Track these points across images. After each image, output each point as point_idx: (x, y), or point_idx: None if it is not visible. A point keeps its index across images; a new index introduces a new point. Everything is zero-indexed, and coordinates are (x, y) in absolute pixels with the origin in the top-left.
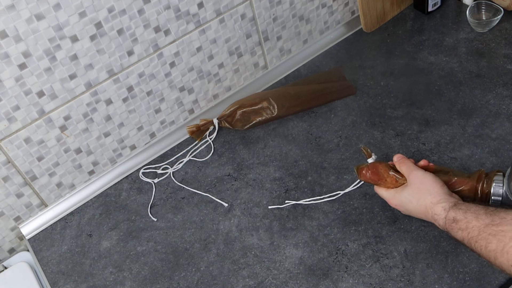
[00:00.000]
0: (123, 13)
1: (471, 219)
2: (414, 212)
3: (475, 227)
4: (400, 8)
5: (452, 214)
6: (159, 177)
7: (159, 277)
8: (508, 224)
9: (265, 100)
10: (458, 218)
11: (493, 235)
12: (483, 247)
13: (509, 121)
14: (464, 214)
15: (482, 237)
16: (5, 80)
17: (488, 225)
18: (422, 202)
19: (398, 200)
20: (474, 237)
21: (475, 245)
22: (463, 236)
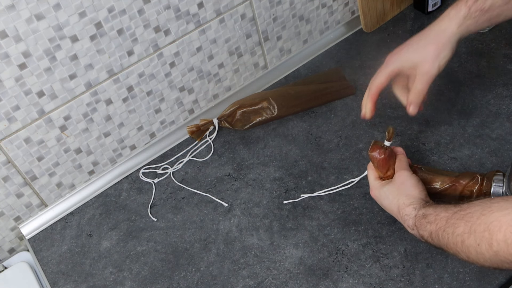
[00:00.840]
0: (123, 13)
1: (440, 211)
2: (387, 209)
3: (443, 218)
4: (400, 8)
5: (422, 211)
6: (159, 177)
7: (159, 277)
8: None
9: (265, 100)
10: (427, 213)
11: (460, 219)
12: (451, 233)
13: (509, 121)
14: (434, 209)
15: (450, 224)
16: (5, 80)
17: (455, 212)
18: (395, 202)
19: (378, 192)
20: (442, 227)
21: (442, 235)
22: (431, 229)
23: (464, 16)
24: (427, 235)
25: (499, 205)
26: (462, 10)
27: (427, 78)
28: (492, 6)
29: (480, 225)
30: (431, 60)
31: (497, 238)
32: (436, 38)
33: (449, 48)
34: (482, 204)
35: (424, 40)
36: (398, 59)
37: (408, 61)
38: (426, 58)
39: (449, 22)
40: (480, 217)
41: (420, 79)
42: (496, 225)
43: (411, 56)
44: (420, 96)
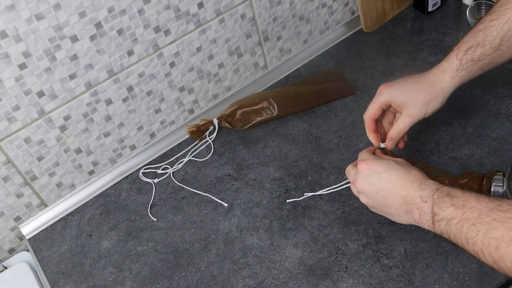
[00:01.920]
0: (123, 13)
1: (470, 198)
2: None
3: (475, 208)
4: (400, 8)
5: (446, 188)
6: (159, 177)
7: (159, 277)
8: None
9: (265, 100)
10: (453, 193)
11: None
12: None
13: (509, 121)
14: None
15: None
16: (5, 80)
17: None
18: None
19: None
20: (472, 219)
21: (469, 228)
22: (454, 214)
23: (456, 68)
24: (443, 217)
25: None
26: (454, 63)
27: (410, 120)
28: (482, 55)
29: None
30: (419, 106)
31: None
32: (430, 87)
33: (440, 100)
34: None
35: (418, 85)
36: (390, 93)
37: (398, 99)
38: (415, 103)
39: (443, 74)
40: None
41: (404, 119)
42: None
43: (402, 96)
44: (400, 134)
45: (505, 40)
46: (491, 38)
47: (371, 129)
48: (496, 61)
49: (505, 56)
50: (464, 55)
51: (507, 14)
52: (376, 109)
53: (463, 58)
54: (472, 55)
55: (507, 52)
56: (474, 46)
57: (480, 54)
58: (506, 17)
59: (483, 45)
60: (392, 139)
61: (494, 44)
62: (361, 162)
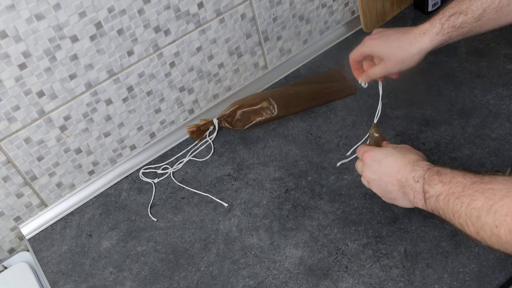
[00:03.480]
0: (123, 13)
1: (457, 175)
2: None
3: (459, 183)
4: (400, 8)
5: (436, 168)
6: (159, 177)
7: (159, 277)
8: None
9: (265, 100)
10: (442, 172)
11: (480, 192)
12: (466, 204)
13: (509, 121)
14: (450, 170)
15: (467, 194)
16: (5, 80)
17: (475, 182)
18: (402, 159)
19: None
20: (456, 193)
21: (454, 202)
22: (441, 190)
23: (436, 32)
24: (432, 194)
25: None
26: (435, 27)
27: (384, 71)
28: (463, 23)
29: (502, 206)
30: (394, 62)
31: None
32: (408, 47)
33: (416, 59)
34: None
35: (398, 43)
36: (371, 46)
37: (378, 52)
38: (391, 59)
39: (423, 36)
40: (503, 198)
41: (380, 68)
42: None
43: (381, 50)
44: (374, 76)
45: (488, 12)
46: (475, 8)
47: (354, 68)
48: (477, 30)
49: (485, 27)
50: (447, 20)
51: None
52: (358, 55)
53: (445, 23)
54: (454, 22)
55: (488, 24)
56: (458, 13)
57: (462, 22)
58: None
59: (466, 13)
60: (367, 75)
61: (477, 14)
62: (365, 154)
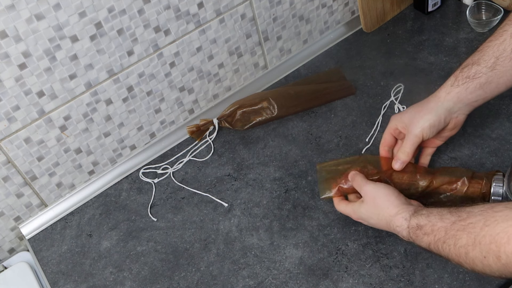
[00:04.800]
0: (123, 13)
1: (435, 221)
2: (377, 226)
3: (441, 228)
4: (400, 8)
5: (415, 221)
6: (159, 177)
7: (159, 277)
8: (477, 215)
9: (265, 100)
10: (421, 223)
11: (461, 230)
12: (452, 245)
13: (509, 121)
14: (427, 218)
15: (450, 235)
16: (5, 80)
17: (454, 223)
18: (381, 217)
19: (358, 215)
20: (442, 238)
21: (443, 247)
22: (429, 241)
23: (451, 84)
24: (425, 245)
25: (503, 214)
26: (450, 80)
27: (411, 139)
28: (477, 72)
29: (485, 237)
30: (416, 122)
31: (506, 250)
32: (425, 104)
33: (435, 114)
34: (484, 213)
35: (418, 105)
36: (396, 119)
37: (402, 121)
38: (413, 121)
39: (439, 91)
40: (483, 228)
41: (407, 139)
42: (503, 237)
43: (404, 117)
44: (405, 153)
45: (501, 60)
46: (487, 58)
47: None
48: (497, 80)
49: (506, 76)
50: (460, 72)
51: (504, 35)
52: (387, 137)
53: (459, 75)
54: (467, 73)
55: (507, 73)
56: (470, 65)
57: (476, 72)
58: (502, 38)
59: (478, 63)
60: (399, 159)
61: (490, 63)
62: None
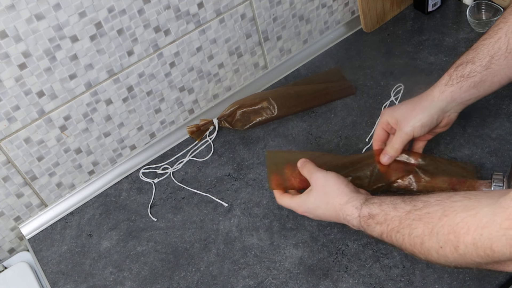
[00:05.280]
0: (123, 13)
1: (388, 210)
2: (324, 217)
3: (395, 217)
4: (400, 8)
5: (366, 210)
6: (159, 177)
7: (159, 277)
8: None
9: (265, 100)
10: (373, 212)
11: (417, 220)
12: (407, 235)
13: (509, 121)
14: (379, 207)
15: (405, 225)
16: (5, 80)
17: (410, 212)
18: (330, 206)
19: (305, 207)
20: (395, 228)
21: (396, 236)
22: (381, 230)
23: (445, 83)
24: (377, 235)
25: (462, 205)
26: (444, 79)
27: (402, 136)
28: (472, 71)
29: (443, 227)
30: (407, 120)
31: (465, 240)
32: (418, 102)
33: (427, 113)
34: (442, 203)
35: (411, 102)
36: (386, 113)
37: (393, 117)
38: (405, 118)
39: (433, 89)
40: (442, 218)
41: (397, 136)
42: (462, 227)
43: (396, 113)
44: (394, 149)
45: (496, 59)
46: (481, 56)
47: (378, 152)
48: (491, 79)
49: (500, 75)
50: (454, 71)
51: (498, 34)
52: (379, 132)
53: (453, 73)
54: (461, 71)
55: (502, 71)
56: (465, 63)
57: (470, 71)
58: (497, 36)
59: (473, 62)
60: (387, 154)
61: (484, 61)
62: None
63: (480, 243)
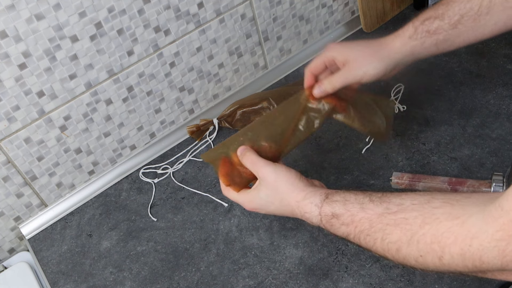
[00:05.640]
0: (123, 13)
1: (355, 211)
2: (278, 213)
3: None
4: (400, 8)
5: (328, 208)
6: (159, 177)
7: (159, 277)
8: (411, 210)
9: (265, 100)
10: (337, 212)
11: (392, 225)
12: (379, 239)
13: (509, 121)
14: (344, 207)
15: (377, 229)
16: (5, 80)
17: (382, 215)
18: (285, 203)
19: (255, 204)
20: (365, 231)
21: (366, 239)
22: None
23: (409, 36)
24: (342, 235)
25: (445, 212)
26: (408, 30)
27: (347, 77)
28: (439, 28)
29: (425, 235)
30: (360, 63)
31: (451, 251)
32: (377, 48)
33: (384, 64)
34: (420, 209)
35: (366, 46)
36: (335, 49)
37: (342, 54)
38: (357, 60)
39: (394, 39)
40: (423, 226)
41: (342, 75)
42: (448, 237)
43: (347, 51)
44: (331, 84)
45: (465, 19)
46: (451, 13)
47: (308, 84)
48: (453, 39)
49: (463, 36)
50: (421, 24)
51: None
52: (318, 63)
53: (419, 27)
54: (428, 26)
55: (466, 33)
56: (433, 18)
57: (437, 27)
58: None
59: (442, 18)
60: (322, 85)
61: (453, 19)
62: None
63: (469, 254)
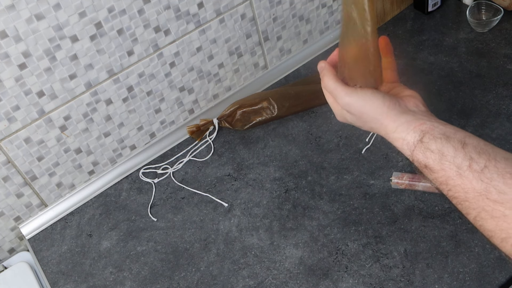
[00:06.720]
0: (123, 13)
1: (451, 173)
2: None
3: (460, 188)
4: (400, 8)
5: (421, 157)
6: (159, 177)
7: (159, 277)
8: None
9: (265, 100)
10: (431, 166)
11: (489, 213)
12: (472, 216)
13: (509, 121)
14: (439, 163)
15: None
16: (5, 80)
17: (480, 195)
18: (376, 131)
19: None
20: (459, 198)
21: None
22: (440, 187)
23: None
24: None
25: None
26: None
27: None
28: None
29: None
30: None
31: None
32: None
33: None
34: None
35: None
36: None
37: None
38: None
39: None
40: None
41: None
42: None
43: None
44: None
45: None
46: None
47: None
48: None
49: None
50: None
51: None
52: None
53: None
54: None
55: None
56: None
57: None
58: None
59: None
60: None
61: None
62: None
63: None
